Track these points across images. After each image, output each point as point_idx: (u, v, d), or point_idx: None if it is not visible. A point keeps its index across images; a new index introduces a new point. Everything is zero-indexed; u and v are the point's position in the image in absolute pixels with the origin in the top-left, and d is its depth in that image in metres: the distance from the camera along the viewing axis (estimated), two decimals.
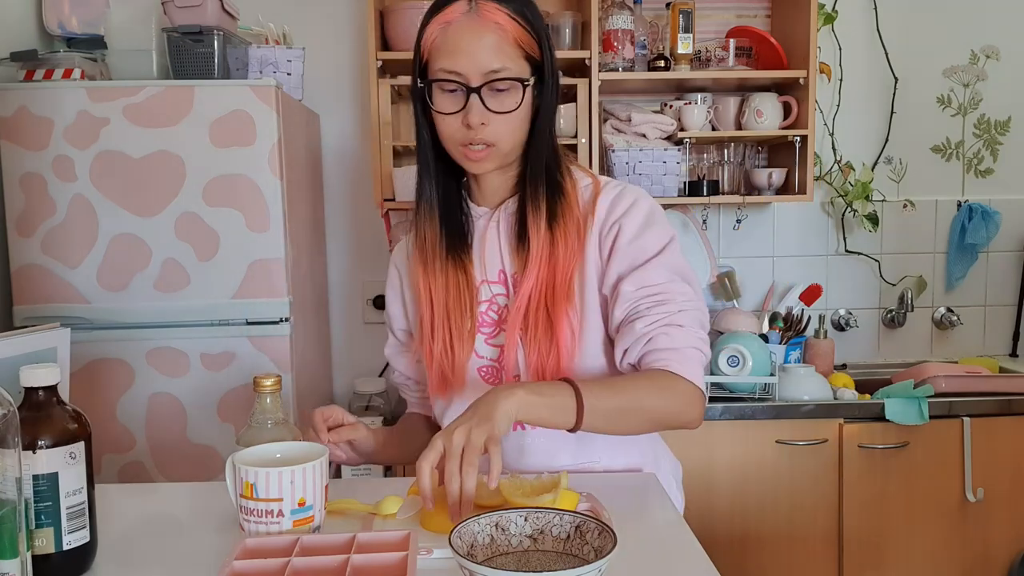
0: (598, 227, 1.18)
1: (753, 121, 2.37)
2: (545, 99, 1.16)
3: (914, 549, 2.19)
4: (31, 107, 1.88)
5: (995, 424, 2.17)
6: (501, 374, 1.20)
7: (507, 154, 1.15)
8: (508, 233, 1.20)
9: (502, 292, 1.20)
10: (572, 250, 1.16)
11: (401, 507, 1.02)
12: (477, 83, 1.09)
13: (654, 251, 1.15)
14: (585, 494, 1.02)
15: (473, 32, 1.09)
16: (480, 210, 1.23)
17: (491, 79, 1.09)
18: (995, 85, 2.65)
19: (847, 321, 2.66)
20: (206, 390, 1.95)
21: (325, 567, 0.82)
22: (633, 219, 1.16)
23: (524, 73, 1.12)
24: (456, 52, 1.09)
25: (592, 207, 1.18)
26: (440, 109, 1.12)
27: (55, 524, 0.85)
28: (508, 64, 1.09)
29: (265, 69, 2.09)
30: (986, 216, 2.62)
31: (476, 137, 1.11)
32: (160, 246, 1.91)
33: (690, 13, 2.32)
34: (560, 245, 1.15)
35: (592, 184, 1.22)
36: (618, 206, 1.18)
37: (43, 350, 1.08)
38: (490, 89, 1.09)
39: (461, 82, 1.09)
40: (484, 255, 1.21)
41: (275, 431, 1.06)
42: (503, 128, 1.12)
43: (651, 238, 1.16)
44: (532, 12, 1.13)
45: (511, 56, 1.10)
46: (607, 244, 1.17)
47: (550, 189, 1.17)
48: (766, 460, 2.14)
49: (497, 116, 1.10)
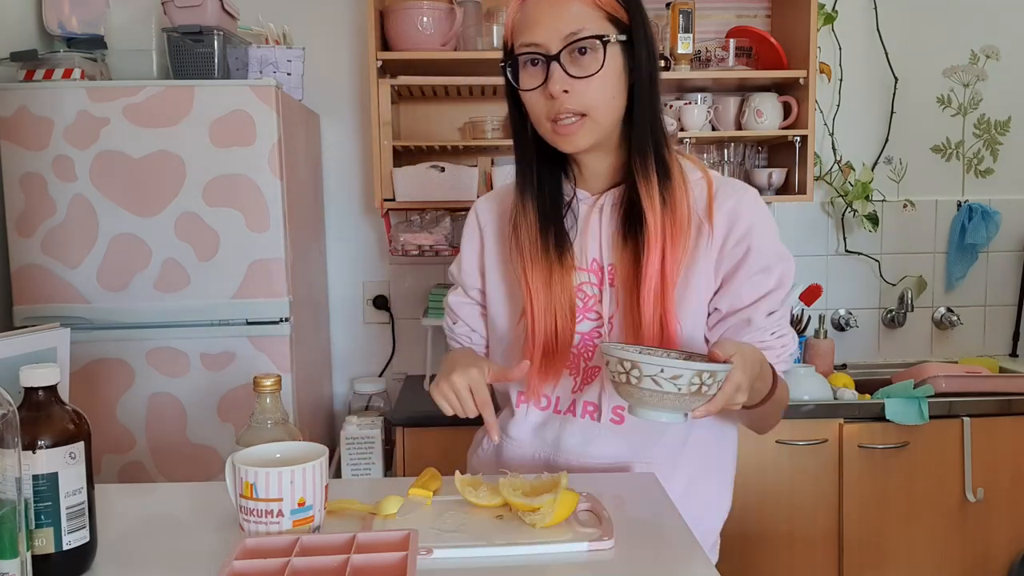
0: (720, 237, 1.12)
1: (753, 121, 2.37)
2: (641, 69, 1.09)
3: (914, 549, 2.19)
4: (31, 107, 1.88)
5: (995, 424, 2.17)
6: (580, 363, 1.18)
7: (603, 126, 1.09)
8: (611, 222, 1.15)
9: (593, 281, 1.17)
10: (682, 246, 1.10)
11: (401, 507, 1.02)
12: (556, 49, 1.05)
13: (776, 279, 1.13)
14: (585, 494, 1.02)
15: (549, 1, 1.06)
16: (583, 195, 1.19)
17: (569, 41, 1.05)
18: (995, 85, 2.65)
19: (847, 321, 2.66)
20: (206, 390, 1.95)
21: (325, 567, 0.82)
22: (763, 239, 1.12)
23: (607, 32, 1.06)
24: (534, 24, 1.06)
25: (709, 211, 1.12)
26: (524, 86, 1.09)
27: (55, 524, 0.85)
28: (586, 24, 1.05)
29: (265, 69, 2.09)
30: (986, 216, 2.62)
31: (563, 108, 1.06)
32: (160, 246, 1.91)
33: (690, 13, 2.32)
34: (668, 238, 1.09)
35: (704, 180, 1.15)
36: (742, 218, 1.12)
37: (43, 350, 1.08)
38: (570, 53, 1.05)
39: (541, 53, 1.06)
40: (584, 242, 1.17)
41: (275, 431, 1.06)
42: (592, 94, 1.06)
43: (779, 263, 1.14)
44: None
45: (590, 16, 1.05)
46: (730, 261, 1.13)
47: (661, 172, 1.10)
48: (766, 460, 2.14)
49: (581, 81, 1.05)
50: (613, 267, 1.15)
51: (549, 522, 0.95)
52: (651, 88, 1.11)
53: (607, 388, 1.17)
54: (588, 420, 1.19)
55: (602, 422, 1.18)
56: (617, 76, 1.08)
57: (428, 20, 2.21)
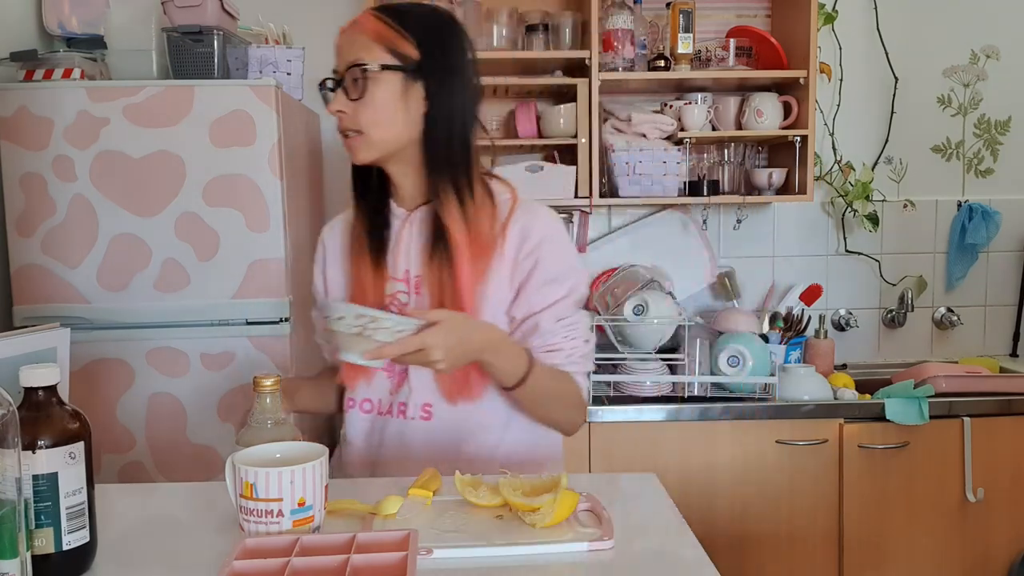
0: (513, 251, 1.23)
1: (753, 121, 2.37)
2: (439, 96, 1.20)
3: (914, 549, 2.19)
4: (31, 107, 1.88)
5: (995, 424, 2.17)
6: (395, 366, 1.28)
7: (380, 144, 1.21)
8: (420, 236, 1.26)
9: (403, 290, 1.27)
10: (482, 260, 1.21)
11: (401, 507, 1.02)
12: (342, 75, 1.21)
13: (566, 289, 1.24)
14: (585, 494, 1.02)
15: (344, 35, 1.22)
16: (399, 211, 1.30)
17: (347, 68, 1.19)
18: (995, 85, 2.65)
19: (847, 321, 2.66)
20: (206, 390, 1.95)
21: (325, 567, 0.82)
22: (552, 253, 1.23)
23: (386, 61, 1.18)
24: (336, 54, 1.22)
25: (504, 228, 1.24)
26: (327, 106, 1.23)
27: (55, 524, 0.85)
28: (364, 55, 1.18)
29: (265, 69, 2.09)
30: (986, 216, 2.62)
31: (343, 125, 1.21)
32: (160, 246, 1.91)
33: (690, 13, 2.32)
34: (468, 253, 1.20)
35: (510, 200, 1.26)
36: (532, 234, 1.23)
37: (43, 350, 1.08)
38: (352, 79, 1.19)
39: (335, 78, 1.23)
40: (396, 254, 1.28)
41: (275, 431, 1.06)
42: (364, 115, 1.19)
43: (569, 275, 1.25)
44: (410, 15, 1.20)
45: (370, 48, 1.18)
46: (521, 273, 1.23)
47: (459, 193, 1.21)
48: (766, 460, 2.14)
49: (354, 104, 1.19)
50: (420, 278, 1.26)
51: (549, 522, 0.95)
52: (451, 116, 1.21)
53: (415, 386, 1.26)
54: (401, 419, 1.28)
55: (411, 419, 1.27)
56: (394, 101, 1.19)
57: None
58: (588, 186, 2.30)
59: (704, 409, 2.13)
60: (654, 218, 2.61)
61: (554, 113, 2.33)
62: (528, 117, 2.37)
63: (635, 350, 2.26)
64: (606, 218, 2.63)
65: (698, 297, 2.63)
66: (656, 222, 2.60)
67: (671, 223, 2.60)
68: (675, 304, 2.28)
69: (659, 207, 2.60)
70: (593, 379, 2.18)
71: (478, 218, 1.22)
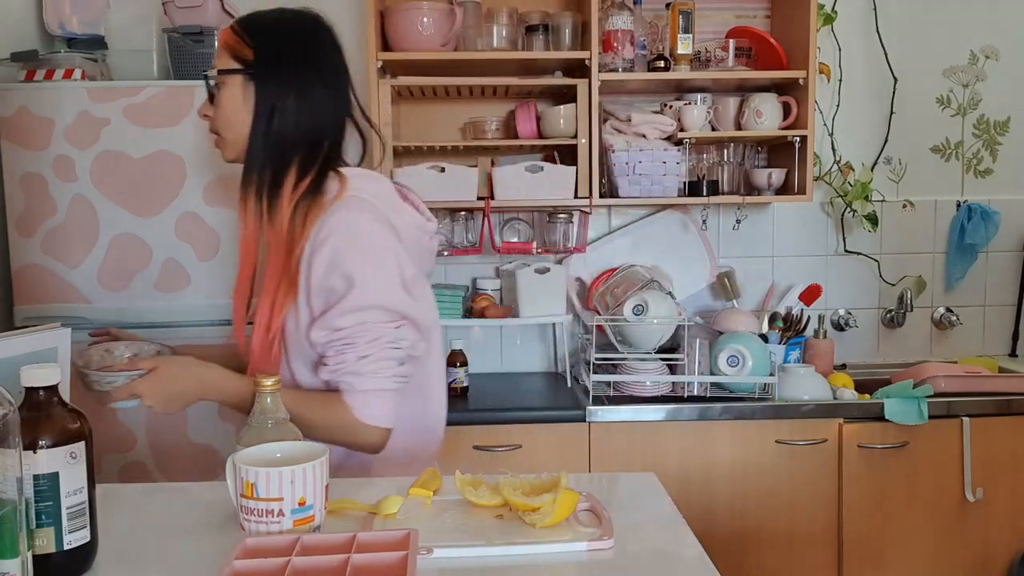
0: (306, 255, 1.19)
1: (753, 121, 2.37)
2: (263, 93, 1.22)
3: (914, 549, 2.19)
4: (31, 107, 1.88)
5: (995, 424, 2.17)
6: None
7: (234, 144, 1.26)
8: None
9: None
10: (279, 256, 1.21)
11: (401, 507, 1.02)
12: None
13: (341, 293, 1.17)
14: (585, 494, 1.03)
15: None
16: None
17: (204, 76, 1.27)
18: (995, 85, 2.66)
19: (847, 321, 2.66)
20: None
21: (325, 567, 0.82)
22: (329, 261, 1.17)
23: (229, 66, 1.23)
24: None
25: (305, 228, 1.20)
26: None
27: (56, 524, 0.85)
28: (216, 63, 1.25)
29: None
30: (985, 216, 2.62)
31: (210, 127, 1.28)
32: (160, 246, 1.91)
33: (690, 13, 2.32)
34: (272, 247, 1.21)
35: (337, 194, 1.22)
36: (321, 237, 1.18)
37: (43, 350, 1.08)
38: (209, 86, 1.26)
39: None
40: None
41: (275, 431, 1.06)
42: (218, 118, 1.26)
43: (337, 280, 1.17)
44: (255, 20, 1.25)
45: (220, 55, 1.25)
46: (303, 281, 1.20)
47: (260, 188, 1.22)
48: (766, 460, 2.14)
49: (214, 108, 1.26)
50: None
51: (549, 522, 0.95)
52: (272, 110, 1.22)
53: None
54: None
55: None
56: (236, 104, 1.24)
57: (428, 20, 2.21)
58: (588, 186, 2.30)
59: (704, 409, 2.13)
60: (654, 218, 2.61)
61: (554, 113, 2.33)
62: (528, 117, 2.37)
63: (635, 350, 2.26)
64: (606, 218, 2.64)
65: (698, 297, 2.63)
66: (656, 222, 2.61)
67: (671, 223, 2.61)
68: (675, 304, 2.28)
69: (659, 207, 2.60)
70: (593, 379, 2.19)
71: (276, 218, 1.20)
